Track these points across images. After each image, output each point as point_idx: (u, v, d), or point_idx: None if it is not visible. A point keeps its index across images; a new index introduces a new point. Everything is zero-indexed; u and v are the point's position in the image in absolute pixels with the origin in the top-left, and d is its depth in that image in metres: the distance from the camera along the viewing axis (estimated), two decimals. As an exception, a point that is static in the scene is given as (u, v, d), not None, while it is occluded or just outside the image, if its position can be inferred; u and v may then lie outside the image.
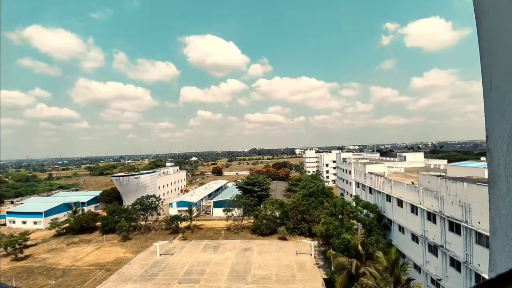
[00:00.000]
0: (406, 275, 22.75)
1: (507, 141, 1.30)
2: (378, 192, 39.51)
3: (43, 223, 63.86)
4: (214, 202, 69.22)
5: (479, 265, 20.95)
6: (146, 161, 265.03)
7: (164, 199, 73.83)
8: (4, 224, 67.65)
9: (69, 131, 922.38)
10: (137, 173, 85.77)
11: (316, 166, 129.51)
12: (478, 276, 21.22)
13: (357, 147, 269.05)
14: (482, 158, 56.43)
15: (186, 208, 57.50)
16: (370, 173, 43.37)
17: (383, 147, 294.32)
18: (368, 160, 61.82)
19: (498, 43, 1.32)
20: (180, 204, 67.18)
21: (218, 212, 63.85)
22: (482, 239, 20.74)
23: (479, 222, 20.85)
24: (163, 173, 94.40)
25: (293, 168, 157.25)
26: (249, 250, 43.98)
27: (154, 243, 45.12)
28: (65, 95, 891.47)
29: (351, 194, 52.49)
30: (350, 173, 54.96)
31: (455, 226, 23.72)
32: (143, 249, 46.53)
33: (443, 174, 30.16)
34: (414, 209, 30.06)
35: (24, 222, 65.64)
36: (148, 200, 61.41)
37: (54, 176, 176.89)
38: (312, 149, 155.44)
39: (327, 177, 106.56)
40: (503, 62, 1.30)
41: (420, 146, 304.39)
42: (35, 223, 64.73)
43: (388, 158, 68.51)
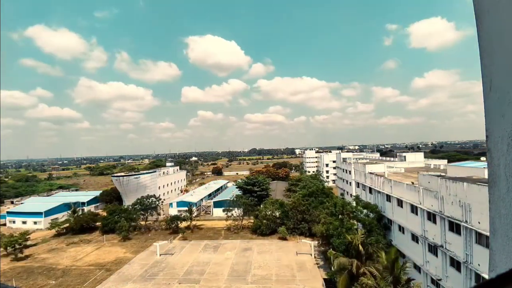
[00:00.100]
0: (406, 275, 22.76)
1: (507, 141, 1.30)
2: (378, 192, 39.50)
3: (43, 223, 63.89)
4: (214, 202, 69.22)
5: (479, 265, 20.95)
6: (146, 161, 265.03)
7: (164, 199, 73.83)
8: (4, 224, 67.69)
9: (70, 131, 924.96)
10: (137, 173, 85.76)
11: (316, 166, 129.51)
12: (478, 276, 21.22)
13: (357, 147, 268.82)
14: (482, 158, 56.43)
15: (186, 208, 57.49)
16: (370, 173, 43.36)
17: (383, 147, 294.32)
18: (368, 160, 61.81)
19: (498, 43, 1.32)
20: (180, 204, 67.20)
21: (218, 212, 63.87)
22: (482, 239, 20.73)
23: (479, 222, 20.86)
24: (163, 173, 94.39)
25: (293, 168, 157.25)
26: (249, 250, 43.98)
27: (154, 243, 45.12)
28: (67, 95, 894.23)
29: (351, 194, 52.49)
30: (350, 173, 54.96)
31: (455, 226, 23.73)
32: (143, 249, 46.53)
33: (443, 174, 30.16)
34: (414, 209, 30.06)
35: (24, 222, 65.68)
36: (148, 200, 61.42)
37: (54, 176, 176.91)
38: (312, 149, 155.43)
39: (327, 177, 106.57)
40: (503, 62, 1.30)
41: (420, 146, 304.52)
42: (35, 223, 64.76)
43: (388, 158, 68.53)
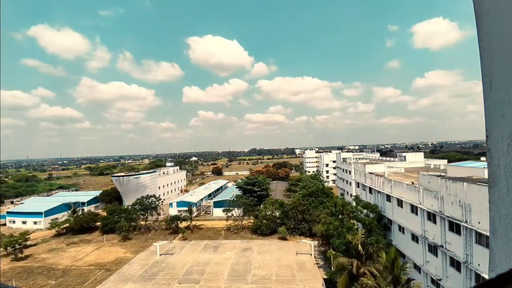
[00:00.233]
0: (406, 275, 22.76)
1: (507, 141, 1.30)
2: (378, 192, 39.49)
3: (43, 223, 63.89)
4: (214, 202, 69.22)
5: (479, 265, 20.95)
6: (146, 161, 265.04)
7: (164, 199, 73.85)
8: (4, 224, 67.69)
9: (70, 131, 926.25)
10: (137, 173, 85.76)
11: (316, 166, 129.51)
12: (478, 276, 21.22)
13: (357, 147, 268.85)
14: (482, 158, 56.48)
15: (186, 208, 57.48)
16: (370, 173, 43.35)
17: (383, 147, 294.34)
18: (368, 160, 61.80)
19: (498, 43, 1.32)
20: (180, 204, 67.19)
21: (218, 212, 63.86)
22: (482, 239, 20.73)
23: (479, 222, 20.85)
24: (163, 173, 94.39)
25: (293, 168, 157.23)
26: (249, 250, 43.98)
27: (154, 243, 45.12)
28: (68, 95, 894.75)
29: (351, 194, 52.49)
30: (350, 173, 54.96)
31: (455, 226, 23.72)
32: (143, 249, 46.53)
33: (443, 174, 30.16)
34: (414, 209, 30.06)
35: (24, 222, 65.67)
36: (148, 200, 61.43)
37: (54, 176, 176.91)
38: (312, 149, 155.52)
39: (327, 177, 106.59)
40: (503, 62, 1.30)
41: (420, 146, 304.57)
42: (35, 223, 64.76)
43: (388, 158, 68.52)
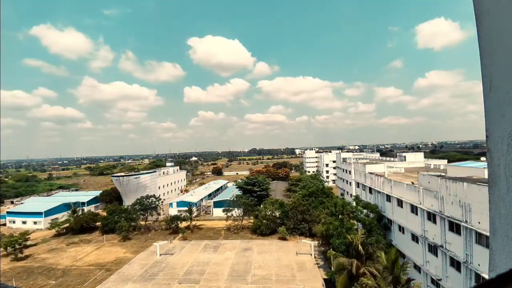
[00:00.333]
0: (406, 275, 22.75)
1: (507, 141, 1.30)
2: (378, 192, 39.49)
3: (43, 223, 63.88)
4: (214, 202, 69.22)
5: (479, 265, 20.95)
6: (146, 161, 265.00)
7: (164, 199, 73.84)
8: (4, 224, 67.68)
9: (71, 131, 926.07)
10: (137, 173, 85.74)
11: (316, 166, 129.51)
12: (478, 276, 21.22)
13: (357, 147, 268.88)
14: (482, 158, 56.49)
15: (186, 208, 57.49)
16: (370, 173, 43.35)
17: (383, 147, 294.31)
18: (368, 160, 61.80)
19: (498, 43, 1.32)
20: (180, 204, 67.19)
21: (218, 212, 63.85)
22: (482, 239, 20.73)
23: (479, 222, 20.85)
24: (163, 173, 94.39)
25: (293, 168, 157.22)
26: (249, 250, 43.97)
27: (154, 243, 45.12)
28: (70, 95, 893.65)
29: (351, 194, 52.49)
30: (350, 173, 54.95)
31: (455, 226, 23.72)
32: (143, 249, 46.52)
33: (443, 174, 30.16)
34: (414, 209, 30.06)
35: (24, 222, 65.66)
36: (148, 200, 61.41)
37: (54, 176, 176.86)
38: (312, 149, 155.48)
39: (327, 177, 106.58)
40: (503, 62, 1.30)
41: (420, 146, 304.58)
42: (35, 223, 64.74)
43: (388, 158, 68.52)
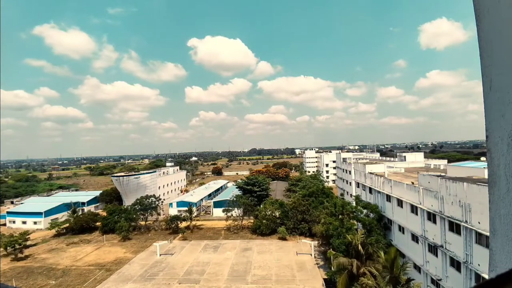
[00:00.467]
0: (406, 275, 22.77)
1: (507, 141, 1.30)
2: (378, 192, 39.48)
3: (43, 223, 63.85)
4: (214, 202, 69.22)
5: (479, 265, 20.94)
6: (146, 161, 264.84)
7: (164, 199, 73.85)
8: (4, 224, 67.68)
9: (72, 131, 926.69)
10: (137, 173, 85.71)
11: (316, 166, 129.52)
12: (478, 276, 21.22)
13: (357, 147, 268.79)
14: (482, 158, 56.52)
15: (186, 208, 57.50)
16: (370, 173, 43.33)
17: (383, 147, 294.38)
18: (368, 160, 61.77)
19: (498, 43, 1.32)
20: (180, 204, 67.21)
21: (218, 212, 63.86)
22: (482, 239, 20.73)
23: (479, 222, 20.85)
24: (163, 173, 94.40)
25: (293, 168, 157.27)
26: (249, 250, 43.97)
27: (154, 243, 45.13)
28: (71, 95, 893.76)
29: (351, 194, 52.48)
30: (350, 173, 54.94)
31: (455, 226, 23.71)
32: (143, 249, 46.52)
33: (443, 174, 30.16)
34: (414, 209, 30.05)
35: (24, 222, 65.66)
36: (148, 200, 61.39)
37: (54, 176, 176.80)
38: (312, 149, 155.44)
39: (327, 177, 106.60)
40: (503, 62, 1.30)
41: (420, 146, 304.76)
42: (35, 223, 64.75)
43: (388, 158, 68.52)
